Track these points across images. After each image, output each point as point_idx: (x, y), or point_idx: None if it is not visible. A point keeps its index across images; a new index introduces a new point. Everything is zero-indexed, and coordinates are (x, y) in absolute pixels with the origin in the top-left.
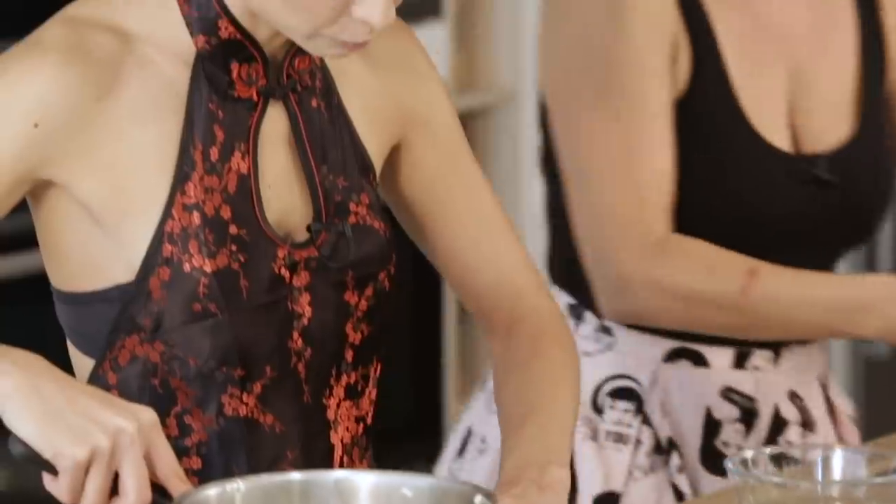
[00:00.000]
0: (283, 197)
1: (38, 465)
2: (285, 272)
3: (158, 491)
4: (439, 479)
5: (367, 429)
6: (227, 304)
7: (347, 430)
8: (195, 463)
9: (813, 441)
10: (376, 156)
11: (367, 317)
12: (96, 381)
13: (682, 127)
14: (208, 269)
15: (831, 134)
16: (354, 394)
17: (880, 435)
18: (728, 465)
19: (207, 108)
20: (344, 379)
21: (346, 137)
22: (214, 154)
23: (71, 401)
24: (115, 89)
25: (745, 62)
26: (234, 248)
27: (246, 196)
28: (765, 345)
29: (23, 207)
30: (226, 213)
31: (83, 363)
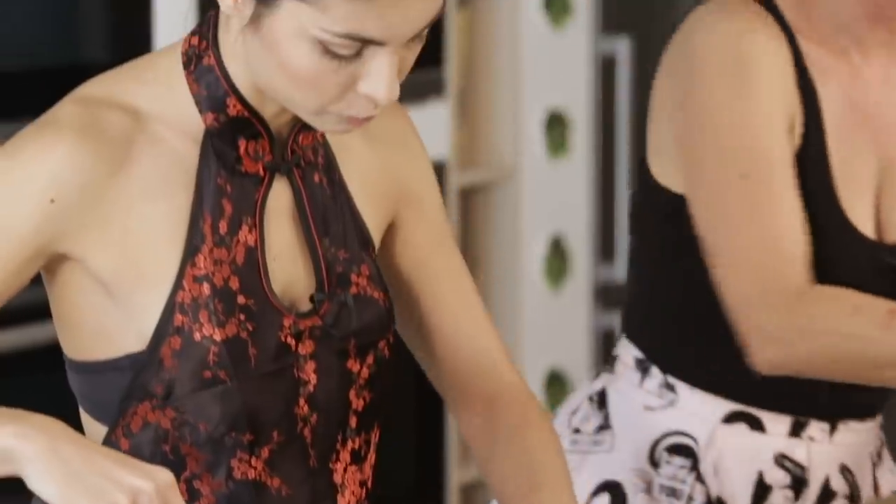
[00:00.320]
0: (288, 268)
1: None
2: (291, 341)
3: None
4: None
5: (368, 493)
6: (236, 371)
7: (353, 493)
8: None
9: None
10: (375, 230)
11: (368, 384)
12: (109, 447)
13: None
14: (218, 337)
15: None
16: (359, 458)
17: None
18: None
19: (216, 182)
20: (349, 444)
21: (346, 211)
22: (223, 227)
23: (90, 462)
24: (128, 166)
25: (843, 146)
26: (242, 317)
27: (253, 267)
28: (822, 416)
29: (36, 280)
30: (234, 283)
31: (95, 429)
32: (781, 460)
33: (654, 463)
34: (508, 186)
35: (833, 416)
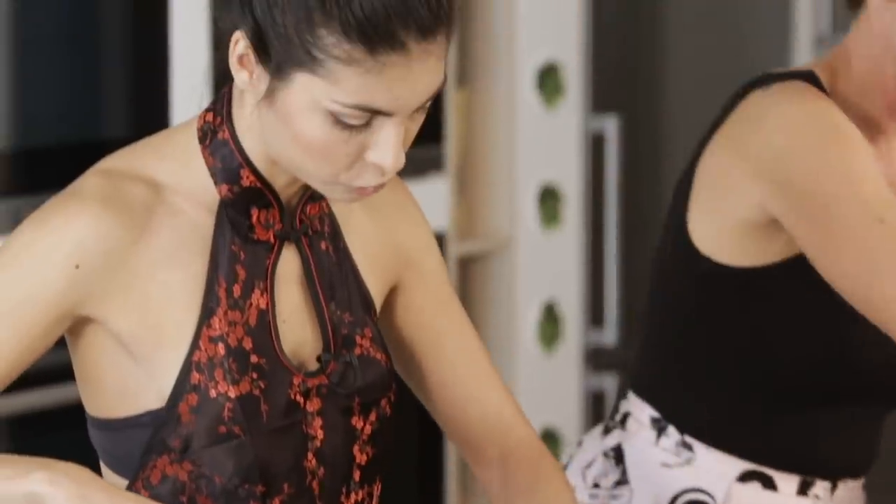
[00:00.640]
0: (297, 330)
1: None
2: (300, 398)
3: None
4: None
5: None
6: (249, 426)
7: None
8: None
9: None
10: (377, 295)
11: (371, 439)
12: None
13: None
14: (232, 394)
15: None
16: None
17: None
18: None
19: (230, 249)
20: (353, 496)
21: (350, 277)
22: (237, 291)
23: None
24: (148, 234)
25: None
26: (254, 375)
27: (265, 329)
28: (825, 475)
29: (58, 344)
30: (247, 344)
31: (116, 482)
32: None
33: None
34: (504, 256)
35: (834, 475)
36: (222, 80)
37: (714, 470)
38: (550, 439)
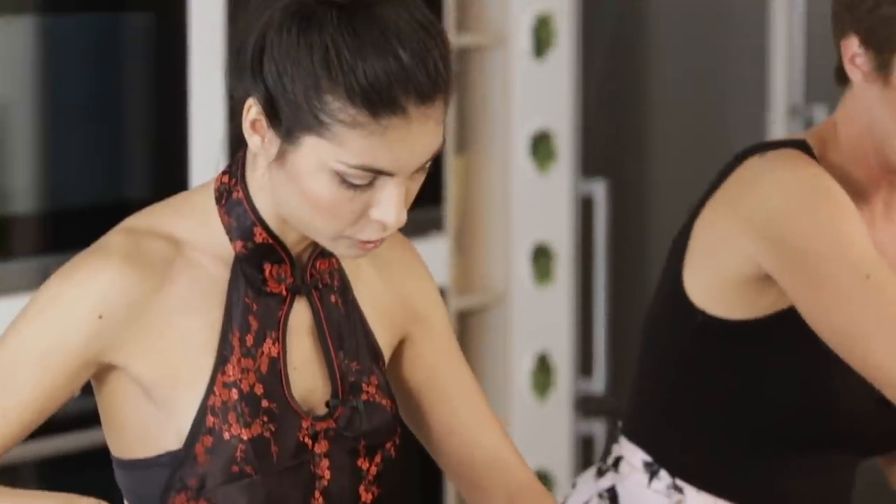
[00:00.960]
0: (307, 377)
1: None
2: (308, 440)
3: None
4: None
5: None
6: (260, 466)
7: None
8: None
9: None
10: (386, 346)
11: (376, 480)
12: None
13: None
14: (245, 436)
15: None
16: None
17: None
18: None
19: (244, 301)
20: None
21: (359, 328)
22: (250, 340)
23: None
24: (167, 286)
25: None
26: (265, 419)
27: (276, 376)
28: None
29: (84, 391)
30: (259, 389)
31: None
32: None
33: None
34: (500, 310)
35: None
36: (237, 146)
37: None
38: (543, 481)
